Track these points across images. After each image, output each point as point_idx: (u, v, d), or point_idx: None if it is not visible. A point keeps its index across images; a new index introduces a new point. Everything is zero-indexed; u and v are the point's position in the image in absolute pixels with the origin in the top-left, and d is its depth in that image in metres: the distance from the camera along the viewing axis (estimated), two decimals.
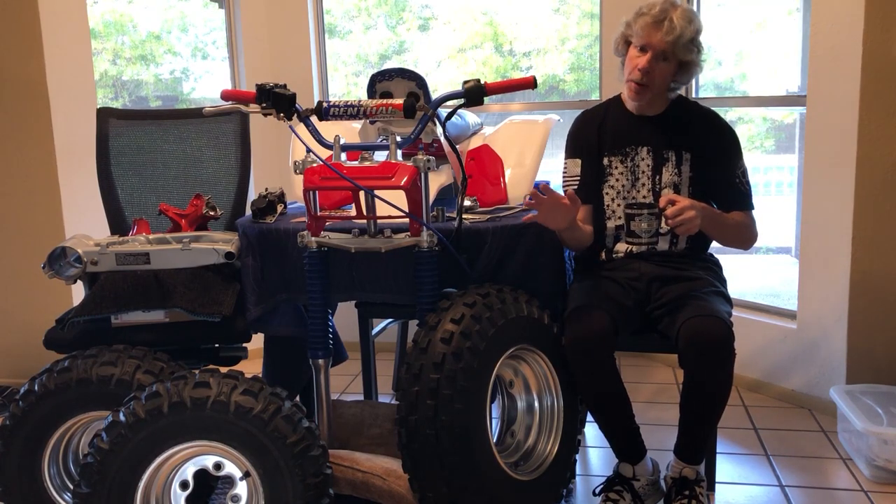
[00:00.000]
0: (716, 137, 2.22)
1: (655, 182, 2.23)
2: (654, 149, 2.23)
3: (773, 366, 3.05)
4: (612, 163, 2.26)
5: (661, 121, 2.24)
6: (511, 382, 2.17)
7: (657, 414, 2.91)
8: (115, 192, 2.58)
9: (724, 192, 2.23)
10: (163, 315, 2.22)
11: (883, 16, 2.58)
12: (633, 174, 2.24)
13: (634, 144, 2.24)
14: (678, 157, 2.22)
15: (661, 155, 2.22)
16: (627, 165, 2.24)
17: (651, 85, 2.15)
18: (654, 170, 2.23)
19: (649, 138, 2.23)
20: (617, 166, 2.25)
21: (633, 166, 2.24)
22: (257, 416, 1.80)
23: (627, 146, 2.25)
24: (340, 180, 1.94)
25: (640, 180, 2.24)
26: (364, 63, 4.54)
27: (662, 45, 2.10)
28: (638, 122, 2.25)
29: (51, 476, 2.09)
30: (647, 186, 2.23)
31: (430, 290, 2.02)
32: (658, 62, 2.12)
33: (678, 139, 2.22)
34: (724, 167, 2.21)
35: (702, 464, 2.13)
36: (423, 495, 1.88)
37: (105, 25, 4.29)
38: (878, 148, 2.66)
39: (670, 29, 2.08)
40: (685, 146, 2.22)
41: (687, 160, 2.22)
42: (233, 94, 2.13)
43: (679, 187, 2.22)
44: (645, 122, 2.24)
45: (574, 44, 4.43)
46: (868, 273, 2.74)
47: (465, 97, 1.99)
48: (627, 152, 2.25)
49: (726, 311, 2.07)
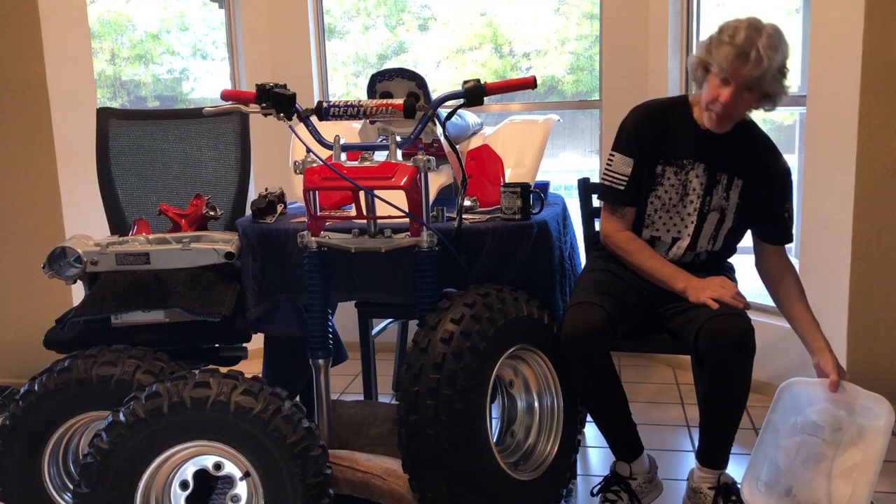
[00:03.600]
0: (773, 169, 2.14)
1: (705, 203, 2.15)
2: (710, 168, 2.13)
3: (773, 366, 3.05)
4: (666, 172, 2.16)
5: (724, 140, 2.12)
6: (511, 382, 2.17)
7: (658, 414, 2.91)
8: (115, 192, 2.58)
9: (765, 224, 2.18)
10: (163, 315, 2.22)
11: (883, 16, 2.58)
12: (684, 188, 2.15)
13: (692, 159, 2.14)
14: (730, 181, 2.14)
15: (714, 176, 2.14)
16: (680, 178, 2.15)
17: (734, 117, 2.05)
18: (705, 190, 2.14)
19: (707, 155, 2.13)
20: (669, 177, 2.16)
21: (686, 181, 2.15)
22: (257, 416, 1.80)
23: (685, 159, 2.14)
24: (340, 180, 1.94)
25: (688, 197, 2.16)
26: (363, 63, 4.54)
27: (748, 80, 1.96)
28: (700, 136, 2.13)
29: (51, 476, 2.09)
30: (695, 205, 2.15)
31: (430, 290, 2.02)
32: (742, 94, 1.99)
33: (734, 163, 2.13)
34: (774, 201, 2.15)
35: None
36: (423, 495, 1.88)
37: (102, 25, 4.29)
38: (878, 148, 2.66)
39: (757, 63, 1.92)
40: (739, 173, 2.14)
41: (737, 187, 2.14)
42: (233, 94, 2.13)
43: (725, 212, 2.16)
44: (707, 138, 2.13)
45: (574, 45, 4.43)
46: (868, 273, 2.74)
47: (465, 97, 1.99)
48: (683, 165, 2.15)
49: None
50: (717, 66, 1.99)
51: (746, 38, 1.93)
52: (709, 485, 2.05)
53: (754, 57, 1.93)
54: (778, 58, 1.96)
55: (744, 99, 2.01)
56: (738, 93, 1.99)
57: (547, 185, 2.59)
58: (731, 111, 2.02)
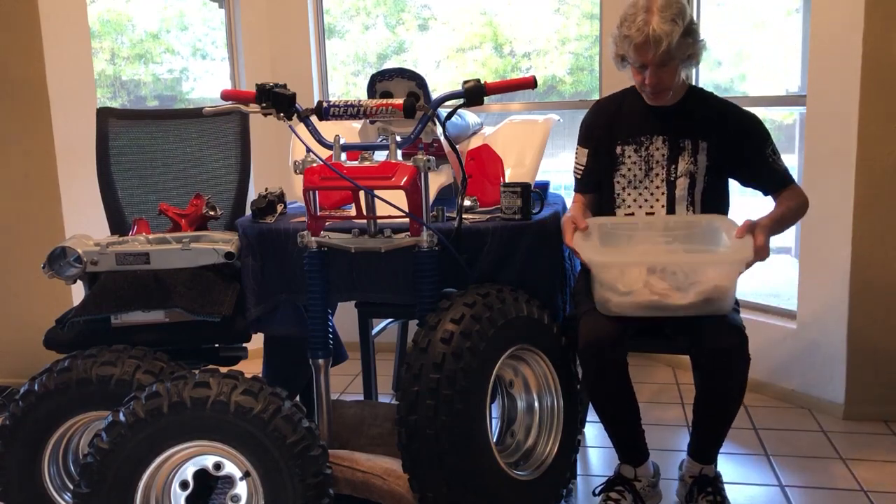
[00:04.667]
0: (735, 123, 2.18)
1: (670, 171, 2.20)
2: (671, 138, 2.20)
3: (773, 366, 3.05)
4: (625, 151, 2.24)
5: (676, 111, 2.21)
6: (511, 382, 2.17)
7: (658, 414, 2.91)
8: (115, 192, 2.58)
9: (760, 174, 2.19)
10: (163, 315, 2.22)
11: (883, 16, 2.58)
12: (647, 164, 2.22)
13: (649, 133, 2.21)
14: (694, 146, 2.19)
15: (677, 144, 2.20)
16: (641, 155, 2.22)
17: (666, 88, 2.13)
18: (669, 159, 2.20)
19: (665, 128, 2.21)
20: (630, 155, 2.23)
21: (647, 156, 2.22)
22: (257, 416, 1.80)
23: (642, 135, 2.22)
24: (340, 180, 1.94)
25: (653, 170, 2.22)
26: (363, 63, 4.54)
27: (657, 59, 2.04)
28: (654, 112, 2.22)
29: (51, 476, 2.09)
30: (661, 176, 2.21)
31: (430, 290, 2.02)
32: (660, 70, 2.08)
33: (695, 128, 2.19)
34: (753, 150, 2.17)
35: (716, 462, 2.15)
36: (423, 495, 1.88)
37: (102, 24, 4.28)
38: (878, 148, 2.66)
39: (656, 44, 2.01)
40: (701, 135, 2.19)
41: (703, 149, 2.18)
42: (233, 94, 2.13)
43: (695, 176, 2.20)
44: (661, 112, 2.21)
45: (574, 45, 4.43)
46: (868, 273, 2.74)
47: (465, 97, 1.99)
48: (642, 141, 2.22)
49: (738, 317, 2.08)
50: (628, 57, 2.10)
51: (640, 24, 2.02)
52: (691, 474, 2.15)
53: (653, 39, 2.01)
54: (677, 27, 2.02)
55: (666, 72, 2.09)
56: (655, 72, 2.08)
57: (547, 185, 2.59)
58: (659, 87, 2.11)
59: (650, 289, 1.98)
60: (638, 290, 1.99)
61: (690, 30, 2.06)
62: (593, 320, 2.02)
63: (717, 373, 1.98)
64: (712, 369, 1.98)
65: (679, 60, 2.09)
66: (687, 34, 2.05)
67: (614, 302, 1.99)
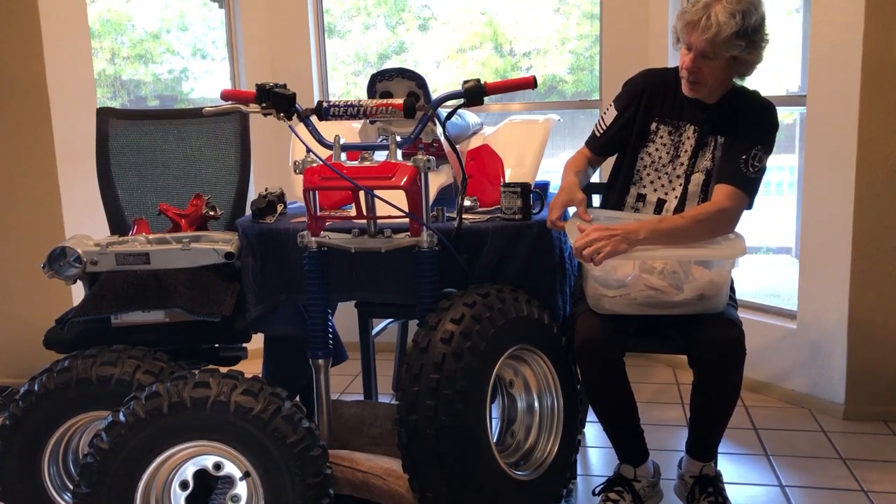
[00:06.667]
0: (745, 113, 2.14)
1: (691, 165, 2.17)
2: (701, 131, 2.16)
3: (773, 366, 3.05)
4: (659, 131, 2.20)
5: (714, 109, 2.16)
6: (511, 382, 2.17)
7: (658, 414, 2.91)
8: (115, 192, 2.58)
9: (725, 156, 2.12)
10: (163, 315, 2.22)
11: (883, 16, 2.58)
12: (676, 149, 2.18)
13: (687, 121, 2.17)
14: (715, 143, 2.16)
15: (704, 139, 2.16)
16: (673, 139, 2.19)
17: (702, 82, 2.08)
18: (693, 152, 2.17)
19: (699, 119, 2.16)
20: (662, 136, 2.20)
21: (678, 142, 2.18)
22: (257, 416, 1.80)
23: (681, 120, 2.18)
24: (340, 180, 1.94)
25: (679, 158, 2.18)
26: (363, 63, 4.53)
27: (701, 45, 2.00)
28: (694, 103, 2.17)
29: (51, 476, 2.09)
30: (684, 167, 2.17)
31: (430, 290, 2.02)
32: (702, 60, 2.03)
33: (725, 127, 2.15)
34: (742, 137, 2.11)
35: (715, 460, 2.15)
36: (423, 495, 1.88)
37: (102, 24, 4.28)
38: (878, 148, 2.66)
39: (706, 28, 1.97)
40: (721, 131, 2.15)
41: (720, 145, 2.15)
42: (233, 94, 2.13)
43: (710, 172, 2.17)
44: (700, 105, 2.16)
45: (574, 44, 4.43)
46: (868, 273, 2.74)
47: (465, 97, 1.99)
48: (678, 126, 2.18)
49: (735, 312, 2.08)
50: (680, 34, 2.07)
51: (704, 4, 1.99)
52: (691, 474, 2.13)
53: (704, 23, 1.98)
54: (732, 23, 1.97)
55: (708, 66, 2.04)
56: (697, 59, 2.04)
57: (547, 185, 2.59)
58: (697, 77, 2.07)
59: (646, 283, 1.98)
60: (631, 283, 1.99)
61: (747, 34, 2.00)
62: (589, 320, 2.02)
63: (715, 367, 1.97)
64: (710, 363, 1.97)
65: (723, 60, 2.03)
66: (741, 36, 1.99)
67: (608, 300, 1.99)
